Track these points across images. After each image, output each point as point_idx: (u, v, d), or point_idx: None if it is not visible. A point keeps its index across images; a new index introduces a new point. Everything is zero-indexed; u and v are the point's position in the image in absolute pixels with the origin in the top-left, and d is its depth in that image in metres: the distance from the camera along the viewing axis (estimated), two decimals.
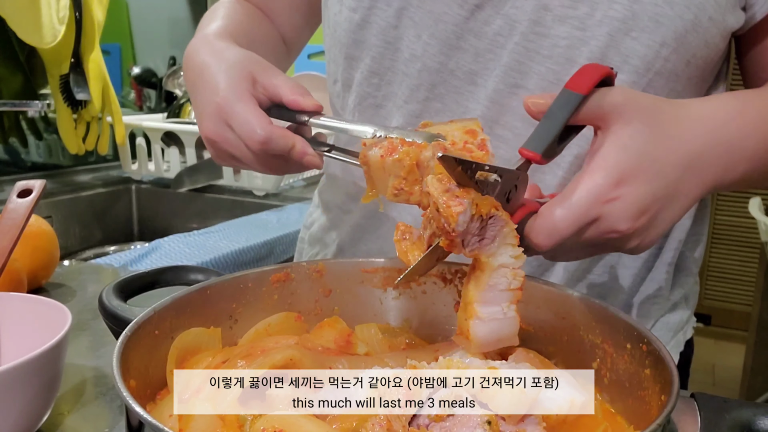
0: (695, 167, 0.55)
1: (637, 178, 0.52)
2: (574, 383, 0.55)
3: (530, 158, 0.52)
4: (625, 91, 0.54)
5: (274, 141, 0.61)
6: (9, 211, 0.74)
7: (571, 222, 0.51)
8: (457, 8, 0.68)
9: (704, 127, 0.57)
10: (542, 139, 0.52)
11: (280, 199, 1.84)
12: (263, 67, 0.66)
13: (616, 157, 0.52)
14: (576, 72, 0.54)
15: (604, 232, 0.52)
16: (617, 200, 0.51)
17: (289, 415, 0.47)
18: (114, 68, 2.22)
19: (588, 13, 0.65)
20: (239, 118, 0.62)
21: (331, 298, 0.66)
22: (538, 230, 0.52)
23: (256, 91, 0.65)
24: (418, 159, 0.54)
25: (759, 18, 0.67)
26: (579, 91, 0.52)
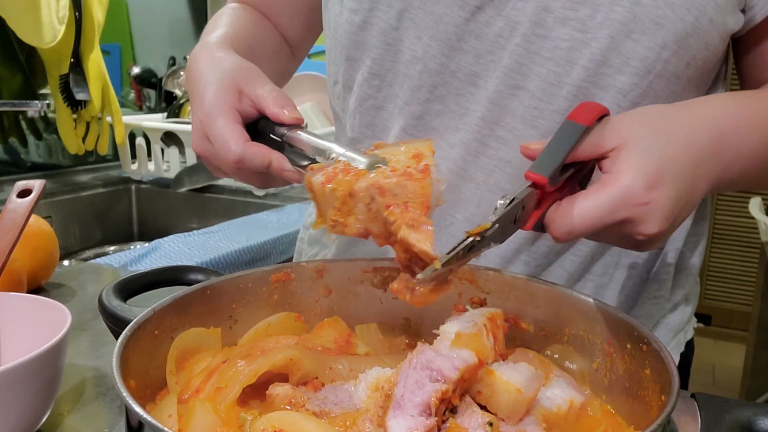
0: (703, 165, 0.56)
1: (665, 182, 0.52)
2: (574, 384, 0.55)
3: (537, 181, 0.52)
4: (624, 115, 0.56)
5: (248, 159, 0.61)
6: (9, 211, 0.74)
7: (592, 222, 0.51)
8: (458, 10, 0.68)
9: (705, 126, 0.58)
10: (548, 163, 0.52)
11: (280, 199, 1.84)
12: (250, 78, 0.65)
13: (640, 160, 0.52)
14: (576, 107, 0.55)
15: (632, 234, 0.53)
16: (650, 204, 0.52)
17: (288, 414, 0.48)
18: (114, 68, 2.22)
19: (589, 15, 0.65)
20: (216, 134, 0.62)
21: (331, 298, 0.66)
22: (557, 225, 0.52)
23: (243, 104, 0.64)
24: (352, 189, 0.52)
25: (758, 20, 0.67)
26: (582, 123, 0.53)
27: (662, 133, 0.55)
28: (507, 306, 0.62)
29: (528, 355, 0.58)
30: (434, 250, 0.48)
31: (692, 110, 0.59)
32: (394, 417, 0.44)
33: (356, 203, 0.52)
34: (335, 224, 0.53)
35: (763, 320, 2.67)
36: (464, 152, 0.72)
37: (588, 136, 0.54)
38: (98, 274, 1.06)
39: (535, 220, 0.53)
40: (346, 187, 0.52)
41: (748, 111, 0.62)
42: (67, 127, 1.73)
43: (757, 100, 0.64)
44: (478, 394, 0.49)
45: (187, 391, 0.53)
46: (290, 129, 0.63)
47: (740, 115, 0.61)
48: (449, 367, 0.46)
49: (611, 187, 0.52)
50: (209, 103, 0.64)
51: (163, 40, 2.47)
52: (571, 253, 0.74)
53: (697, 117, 0.58)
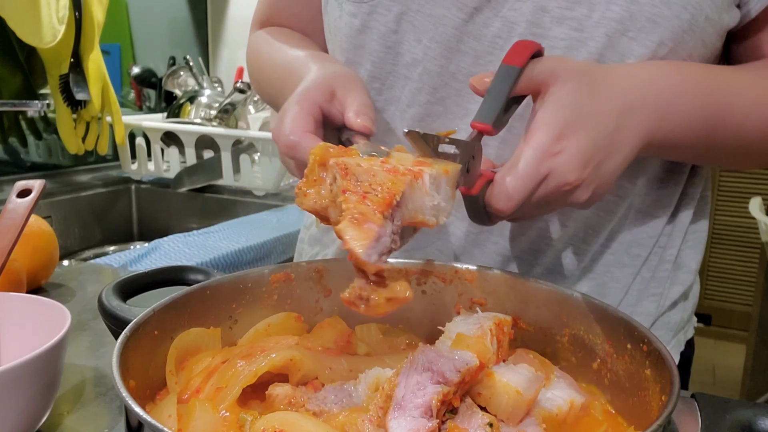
0: (629, 118, 0.59)
1: (577, 131, 0.55)
2: (574, 384, 0.55)
3: (481, 129, 0.56)
4: (557, 58, 0.60)
5: (301, 149, 0.60)
6: (8, 211, 0.74)
7: (523, 183, 0.54)
8: (456, 11, 0.68)
9: (633, 82, 0.61)
10: (490, 111, 0.56)
11: (280, 199, 1.84)
12: (348, 85, 0.65)
13: (554, 114, 0.56)
14: (510, 49, 0.59)
15: (557, 187, 0.55)
16: (562, 153, 0.55)
17: (288, 414, 0.47)
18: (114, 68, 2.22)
19: (586, 15, 0.65)
20: (286, 119, 0.62)
21: (331, 298, 0.66)
22: (497, 197, 0.55)
23: (332, 106, 0.64)
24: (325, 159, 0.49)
25: (754, 14, 0.67)
26: (516, 64, 0.57)
27: (590, 83, 0.58)
28: (507, 306, 0.62)
29: (528, 356, 0.58)
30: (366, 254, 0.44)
31: (624, 67, 0.62)
32: (395, 418, 0.44)
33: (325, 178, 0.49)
34: (298, 192, 0.50)
35: (764, 320, 2.67)
36: None
37: (529, 73, 0.58)
38: (98, 274, 1.06)
39: (481, 185, 0.56)
40: (318, 153, 0.49)
41: (681, 75, 0.64)
42: (67, 127, 1.73)
43: (694, 68, 0.66)
44: (478, 395, 0.48)
45: (187, 391, 0.53)
46: (354, 135, 0.62)
47: (671, 76, 0.63)
48: (450, 369, 0.46)
49: (527, 148, 0.55)
50: (297, 94, 0.64)
51: (163, 40, 2.47)
52: (572, 252, 0.75)
53: (626, 75, 0.61)
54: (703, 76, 0.65)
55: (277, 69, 0.80)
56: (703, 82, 0.64)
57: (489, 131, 0.56)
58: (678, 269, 0.79)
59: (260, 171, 1.88)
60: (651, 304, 0.78)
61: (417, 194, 0.48)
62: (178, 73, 2.24)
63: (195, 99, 2.09)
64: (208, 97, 2.10)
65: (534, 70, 0.58)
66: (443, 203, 0.50)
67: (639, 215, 0.75)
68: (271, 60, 0.82)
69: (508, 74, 0.57)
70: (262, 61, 0.85)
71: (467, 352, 0.48)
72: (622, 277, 0.77)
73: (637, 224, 0.75)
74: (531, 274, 0.74)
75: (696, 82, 0.64)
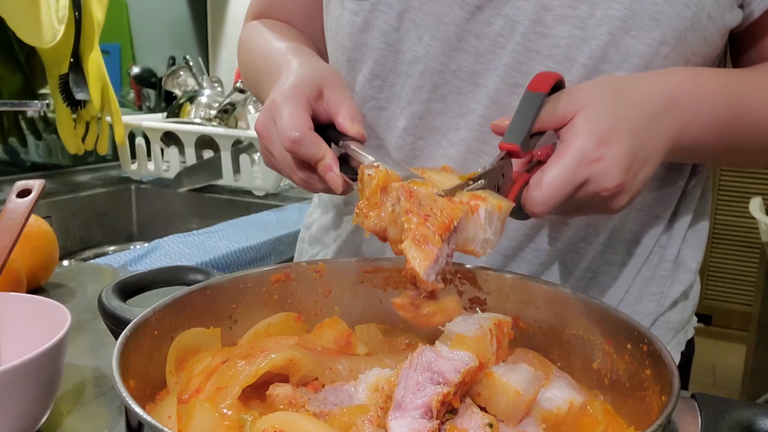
0: (658, 123, 0.59)
1: (616, 138, 0.56)
2: (574, 384, 0.55)
3: (510, 149, 0.56)
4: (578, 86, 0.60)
5: (305, 145, 0.61)
6: (8, 211, 0.74)
7: (560, 188, 0.54)
8: (458, 9, 0.68)
9: (659, 90, 0.61)
10: (518, 132, 0.56)
11: (280, 199, 1.84)
12: (334, 84, 0.67)
13: (591, 123, 0.56)
14: (533, 78, 0.59)
15: (595, 192, 0.56)
16: (602, 160, 0.55)
17: (288, 415, 0.47)
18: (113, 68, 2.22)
19: (588, 13, 0.65)
20: (283, 115, 0.63)
21: (331, 298, 0.66)
22: (532, 201, 0.55)
23: (319, 105, 0.66)
24: (387, 184, 0.52)
25: (756, 15, 0.67)
26: (540, 91, 0.58)
27: (615, 95, 0.58)
28: (507, 306, 0.62)
29: (528, 356, 0.58)
30: (426, 274, 0.48)
31: (645, 77, 0.63)
32: (395, 418, 0.44)
33: (385, 201, 0.52)
34: (359, 212, 0.53)
35: (764, 320, 2.67)
36: (465, 151, 0.72)
37: (546, 106, 0.57)
38: (98, 274, 1.06)
39: (516, 192, 0.56)
40: (382, 179, 0.52)
41: (704, 79, 0.64)
42: (66, 127, 1.73)
43: (715, 72, 0.66)
44: (477, 395, 0.48)
45: (187, 391, 0.53)
46: (345, 140, 0.63)
47: (694, 82, 0.63)
48: (450, 369, 0.46)
49: (567, 153, 0.55)
50: (288, 88, 0.65)
51: (162, 40, 2.46)
52: (572, 251, 0.75)
53: (649, 82, 0.62)
54: (722, 80, 0.66)
55: (259, 60, 0.81)
56: (723, 86, 0.65)
57: (517, 151, 0.56)
58: (678, 268, 0.79)
59: (260, 171, 1.88)
60: (651, 304, 0.78)
61: (471, 225, 0.52)
62: (177, 73, 2.24)
63: (195, 99, 2.09)
64: (207, 97, 2.10)
65: (558, 102, 0.58)
66: (492, 236, 0.54)
67: (639, 214, 0.75)
68: (257, 50, 0.83)
69: (534, 100, 0.57)
70: (249, 53, 0.86)
71: (467, 352, 0.48)
72: (622, 276, 0.77)
73: (638, 223, 0.75)
74: (531, 274, 0.74)
75: (717, 86, 0.64)
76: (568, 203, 0.56)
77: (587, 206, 0.59)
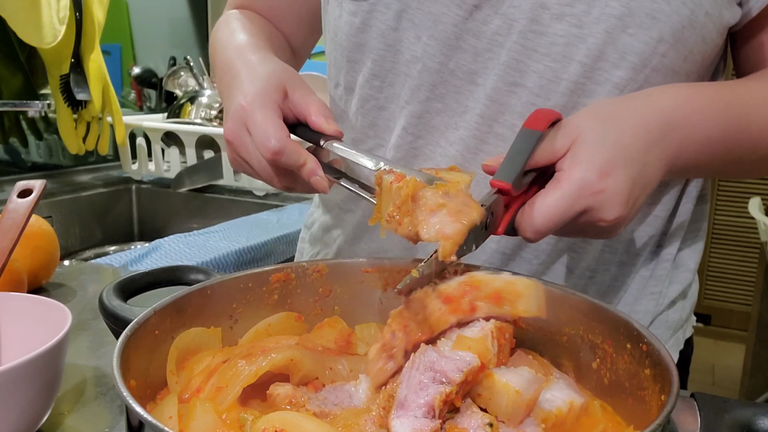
0: (655, 150, 0.58)
1: (618, 168, 0.55)
2: (573, 384, 0.55)
3: (501, 188, 0.54)
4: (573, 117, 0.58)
5: (287, 154, 0.61)
6: (9, 211, 0.74)
7: (557, 216, 0.54)
8: (456, 9, 0.69)
9: (654, 112, 0.60)
10: (510, 170, 0.55)
11: (280, 199, 1.84)
12: (297, 83, 0.67)
13: (591, 153, 0.55)
14: (530, 115, 0.57)
15: (593, 222, 0.55)
16: (605, 192, 0.54)
17: (289, 414, 0.48)
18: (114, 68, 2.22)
19: (585, 11, 0.65)
20: (258, 124, 0.62)
21: (331, 298, 0.66)
22: (525, 227, 0.54)
23: (285, 106, 0.65)
24: (416, 193, 0.53)
25: (754, 14, 0.67)
26: (537, 129, 0.56)
27: (612, 123, 0.57)
28: None
29: (528, 357, 0.58)
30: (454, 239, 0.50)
31: (642, 99, 0.61)
32: (398, 417, 0.44)
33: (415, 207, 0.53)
34: (391, 219, 0.54)
35: (763, 320, 2.67)
36: (464, 149, 0.72)
37: (544, 143, 0.56)
38: (98, 274, 1.06)
39: (506, 223, 0.55)
40: (411, 188, 0.53)
41: (701, 98, 0.63)
42: (67, 127, 1.73)
43: (712, 88, 0.66)
44: (477, 396, 0.49)
45: (188, 390, 0.53)
46: (327, 140, 0.63)
47: (691, 103, 0.62)
48: (453, 369, 0.46)
49: (566, 182, 0.54)
50: (256, 94, 0.64)
51: (163, 40, 2.47)
52: (572, 251, 0.75)
53: (646, 105, 0.60)
54: (719, 97, 0.65)
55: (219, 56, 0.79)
56: (720, 103, 0.64)
57: (509, 190, 0.54)
58: (677, 268, 0.79)
59: None
60: (650, 303, 0.78)
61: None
62: (178, 73, 2.24)
63: (195, 99, 2.09)
64: (208, 97, 2.10)
65: (557, 135, 0.56)
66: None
67: (638, 215, 0.75)
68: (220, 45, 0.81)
69: (529, 137, 0.56)
70: (214, 45, 0.84)
71: (468, 352, 0.48)
72: (621, 275, 0.77)
73: (636, 223, 0.75)
74: (531, 273, 0.74)
75: (714, 104, 0.64)
76: (562, 230, 0.55)
77: (581, 231, 0.58)
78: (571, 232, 0.58)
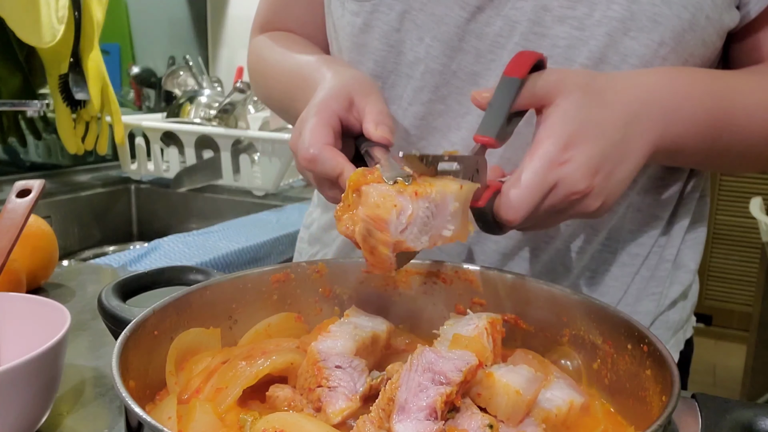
0: (635, 127, 0.58)
1: (584, 140, 0.55)
2: (574, 384, 0.55)
3: (485, 143, 0.55)
4: (559, 71, 0.59)
5: (321, 162, 0.59)
6: (8, 211, 0.74)
7: (530, 193, 0.53)
8: (459, 10, 0.68)
9: (638, 90, 0.60)
10: (493, 123, 0.56)
11: (279, 199, 1.84)
12: (366, 92, 0.64)
13: (561, 125, 0.55)
14: (511, 60, 0.58)
15: (566, 196, 0.55)
16: (569, 162, 0.54)
17: (289, 415, 0.47)
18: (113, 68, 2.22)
19: (587, 14, 0.65)
20: (305, 131, 0.61)
21: (331, 298, 0.66)
22: (504, 207, 0.54)
23: (350, 115, 0.63)
24: (359, 187, 0.50)
25: (753, 16, 0.67)
26: (517, 76, 0.57)
27: (594, 94, 0.57)
28: (507, 306, 0.62)
29: (527, 357, 0.58)
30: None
31: (625, 76, 0.62)
32: (399, 421, 0.43)
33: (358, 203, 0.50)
34: (336, 216, 0.52)
35: (764, 320, 2.67)
36: (466, 150, 0.71)
37: (531, 86, 0.57)
38: (98, 274, 1.06)
39: (487, 198, 0.55)
40: (353, 180, 0.51)
41: (686, 79, 0.63)
42: (66, 126, 1.73)
43: (698, 72, 0.65)
44: (477, 396, 0.48)
45: (187, 391, 0.52)
46: (372, 146, 0.61)
47: (676, 83, 0.62)
48: (452, 369, 0.46)
49: (533, 158, 0.54)
50: (314, 104, 0.63)
51: (162, 39, 2.46)
52: (571, 251, 0.75)
53: (630, 85, 0.60)
54: (706, 80, 0.65)
55: (285, 76, 0.79)
56: (707, 87, 0.64)
57: (492, 144, 0.55)
58: (677, 268, 0.79)
59: (260, 171, 1.88)
60: (650, 304, 0.78)
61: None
62: (177, 73, 2.24)
63: (195, 99, 2.09)
64: (207, 96, 2.10)
65: (536, 85, 0.57)
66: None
67: (638, 214, 0.75)
68: (278, 66, 0.81)
69: (510, 86, 0.56)
70: (268, 68, 0.84)
71: (466, 351, 0.48)
72: (621, 276, 0.77)
73: (637, 224, 0.75)
74: (531, 273, 0.74)
75: (700, 87, 0.64)
76: (540, 208, 0.55)
77: (563, 211, 0.57)
78: (556, 215, 0.57)
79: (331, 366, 0.50)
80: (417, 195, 0.49)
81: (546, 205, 0.55)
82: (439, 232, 0.51)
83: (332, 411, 0.47)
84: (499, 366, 0.51)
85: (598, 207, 0.57)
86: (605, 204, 0.57)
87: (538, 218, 0.56)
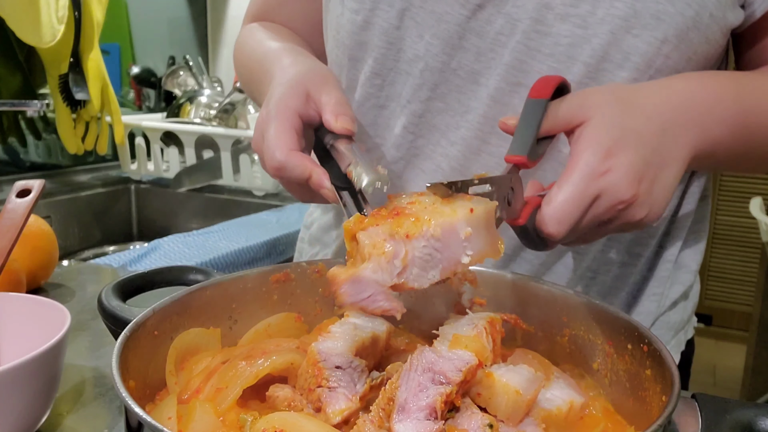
0: (673, 133, 0.57)
1: (624, 148, 0.54)
2: (574, 384, 0.55)
3: (517, 162, 0.54)
4: (581, 92, 0.58)
5: (289, 168, 0.60)
6: (8, 211, 0.74)
7: (573, 204, 0.52)
8: (459, 8, 0.68)
9: (670, 97, 0.59)
10: (523, 143, 0.55)
11: (280, 199, 1.84)
12: (321, 83, 0.65)
13: (597, 137, 0.54)
14: (534, 84, 0.58)
15: (611, 206, 0.53)
16: (611, 171, 0.53)
17: (289, 415, 0.47)
18: (113, 68, 2.22)
19: (590, 11, 0.65)
20: (267, 137, 0.61)
21: (331, 298, 0.66)
22: (546, 220, 0.52)
23: (308, 108, 0.63)
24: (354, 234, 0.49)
25: (758, 15, 0.67)
26: (542, 97, 0.56)
27: (625, 105, 0.56)
28: (508, 306, 0.62)
29: (528, 356, 0.58)
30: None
31: (653, 85, 0.61)
32: (400, 421, 0.43)
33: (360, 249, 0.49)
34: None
35: (764, 320, 2.67)
36: (465, 149, 0.72)
37: (555, 110, 0.56)
38: (97, 274, 1.06)
39: (527, 215, 0.54)
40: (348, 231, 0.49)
41: (714, 84, 0.63)
42: (66, 126, 1.73)
43: (724, 75, 0.65)
44: (477, 395, 0.48)
45: (187, 391, 0.52)
46: (336, 138, 0.61)
47: (705, 87, 0.62)
48: (452, 369, 0.46)
49: (573, 171, 0.53)
50: (273, 104, 0.63)
51: (162, 39, 2.47)
52: (573, 251, 0.75)
53: (658, 91, 0.60)
54: (732, 83, 0.65)
55: (253, 63, 0.80)
56: (734, 89, 0.64)
57: (524, 163, 0.54)
58: (678, 269, 0.79)
59: (260, 171, 1.88)
60: (651, 304, 0.78)
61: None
62: (177, 73, 2.24)
63: (194, 99, 2.09)
64: (207, 96, 2.10)
65: (560, 108, 0.56)
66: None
67: None
68: (252, 55, 0.82)
69: (536, 107, 0.56)
70: (244, 57, 0.85)
71: (466, 351, 0.48)
72: (622, 276, 0.77)
73: None
74: (532, 273, 0.74)
75: (729, 89, 0.63)
76: (584, 221, 0.54)
77: (608, 222, 0.56)
78: (601, 227, 0.56)
79: (331, 366, 0.50)
80: (408, 237, 0.47)
81: (590, 217, 0.54)
82: (455, 261, 0.49)
83: (332, 411, 0.47)
84: (499, 366, 0.51)
85: (645, 216, 0.55)
86: (652, 212, 0.55)
87: (583, 231, 0.55)
